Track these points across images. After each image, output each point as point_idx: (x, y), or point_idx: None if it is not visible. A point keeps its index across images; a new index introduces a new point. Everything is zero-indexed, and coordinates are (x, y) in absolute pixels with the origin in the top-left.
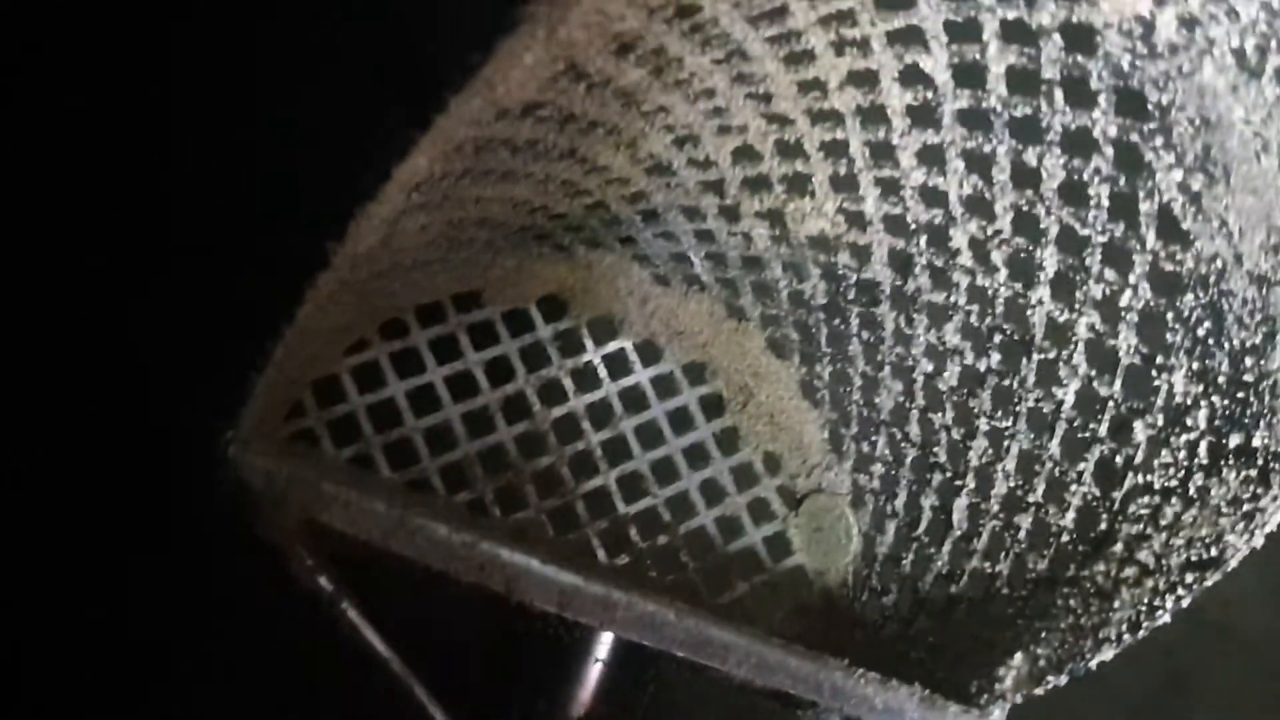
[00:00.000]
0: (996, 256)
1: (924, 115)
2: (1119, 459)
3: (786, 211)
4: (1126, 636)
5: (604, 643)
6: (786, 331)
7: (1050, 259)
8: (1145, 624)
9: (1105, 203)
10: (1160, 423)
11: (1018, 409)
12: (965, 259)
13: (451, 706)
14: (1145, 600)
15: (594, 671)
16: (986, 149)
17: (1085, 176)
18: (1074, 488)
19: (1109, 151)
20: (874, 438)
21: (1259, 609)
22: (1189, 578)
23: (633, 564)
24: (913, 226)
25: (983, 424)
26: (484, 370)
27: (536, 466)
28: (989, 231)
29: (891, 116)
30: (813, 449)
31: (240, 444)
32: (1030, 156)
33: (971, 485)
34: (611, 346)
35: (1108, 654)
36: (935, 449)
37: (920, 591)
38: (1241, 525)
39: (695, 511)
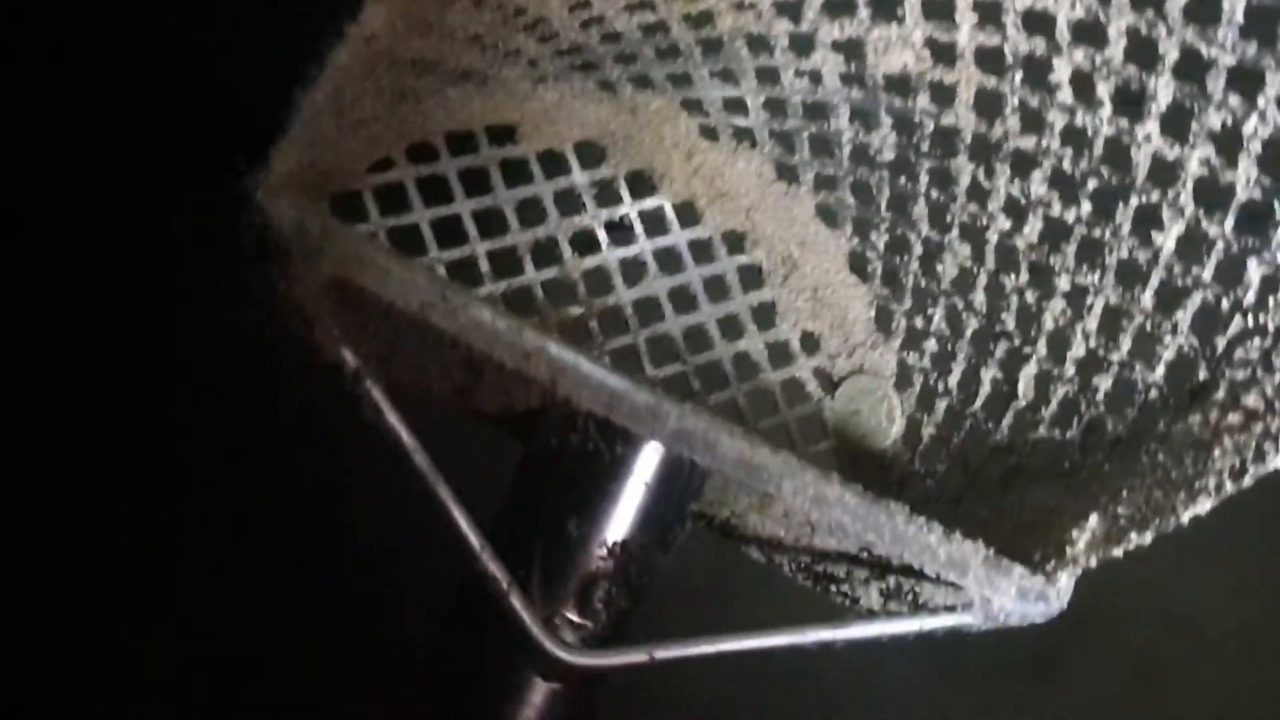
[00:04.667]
0: (1102, 90)
1: None
2: (1224, 303)
3: (868, 41)
4: (1229, 485)
5: (648, 465)
6: (842, 195)
7: (1165, 89)
8: (1252, 469)
9: (1238, 18)
10: (1277, 259)
11: (1107, 261)
12: (1065, 96)
13: (475, 515)
14: (1252, 445)
15: (634, 495)
16: None
17: None
18: (1168, 339)
19: None
20: (930, 310)
21: (1229, 605)
22: None
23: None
24: (1009, 60)
25: (1063, 282)
26: (514, 209)
27: (564, 316)
28: (1097, 61)
29: None
30: (857, 327)
31: (270, 189)
32: None
33: (1044, 351)
34: (649, 203)
35: (1204, 506)
36: (1003, 314)
37: (971, 468)
38: None
39: (726, 384)
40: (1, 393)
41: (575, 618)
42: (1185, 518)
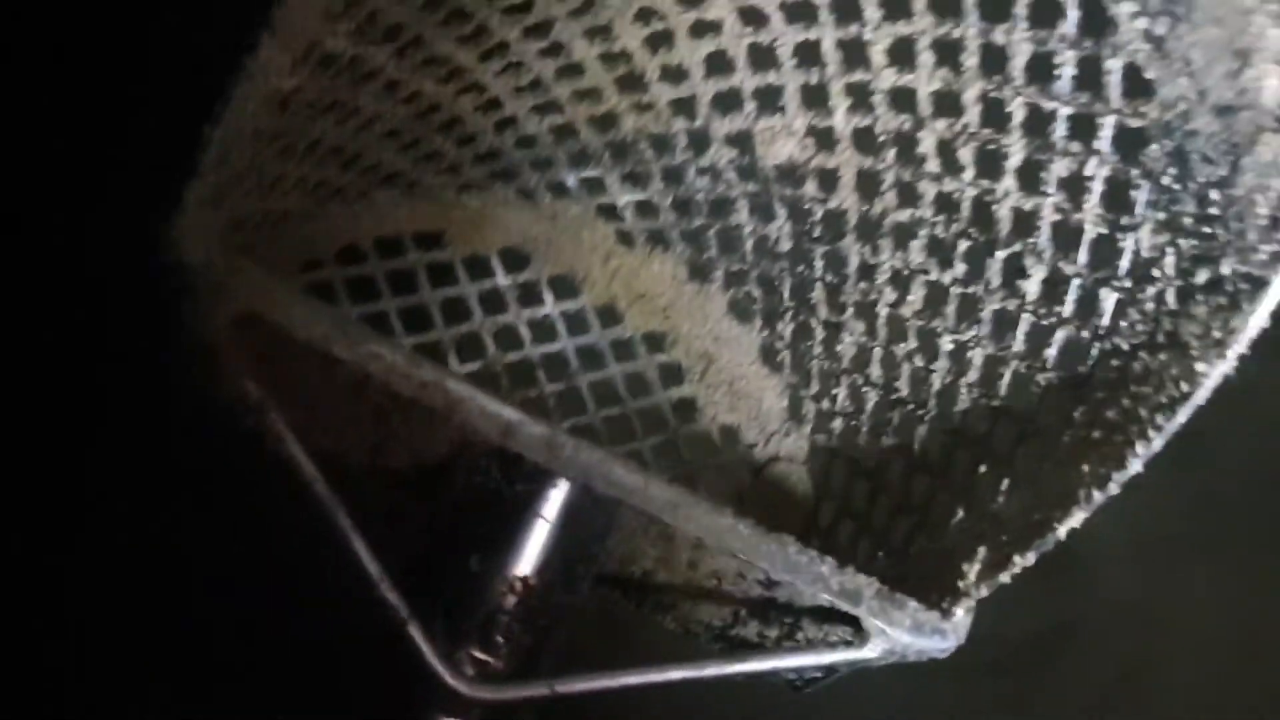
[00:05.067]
0: (964, 155)
1: (899, 4)
2: (1084, 334)
3: (755, 132)
4: (1096, 494)
5: (550, 503)
6: (750, 289)
7: (1017, 145)
8: (1115, 478)
9: (1072, 71)
10: (1129, 283)
11: (981, 314)
12: (932, 165)
13: (377, 548)
14: (1115, 456)
15: (536, 533)
16: (956, 33)
17: (1052, 45)
18: (1040, 378)
19: (1074, 15)
20: (834, 391)
21: (1216, 607)
22: (1159, 419)
23: None
24: (881, 139)
25: (946, 342)
26: (439, 308)
27: (500, 381)
28: (956, 128)
29: (864, 6)
30: (771, 416)
31: (184, 227)
32: (999, 35)
33: (934, 411)
34: (571, 305)
35: (1077, 518)
36: (897, 384)
37: (876, 530)
38: (1213, 353)
39: (648, 465)
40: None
41: (477, 653)
42: (1062, 532)
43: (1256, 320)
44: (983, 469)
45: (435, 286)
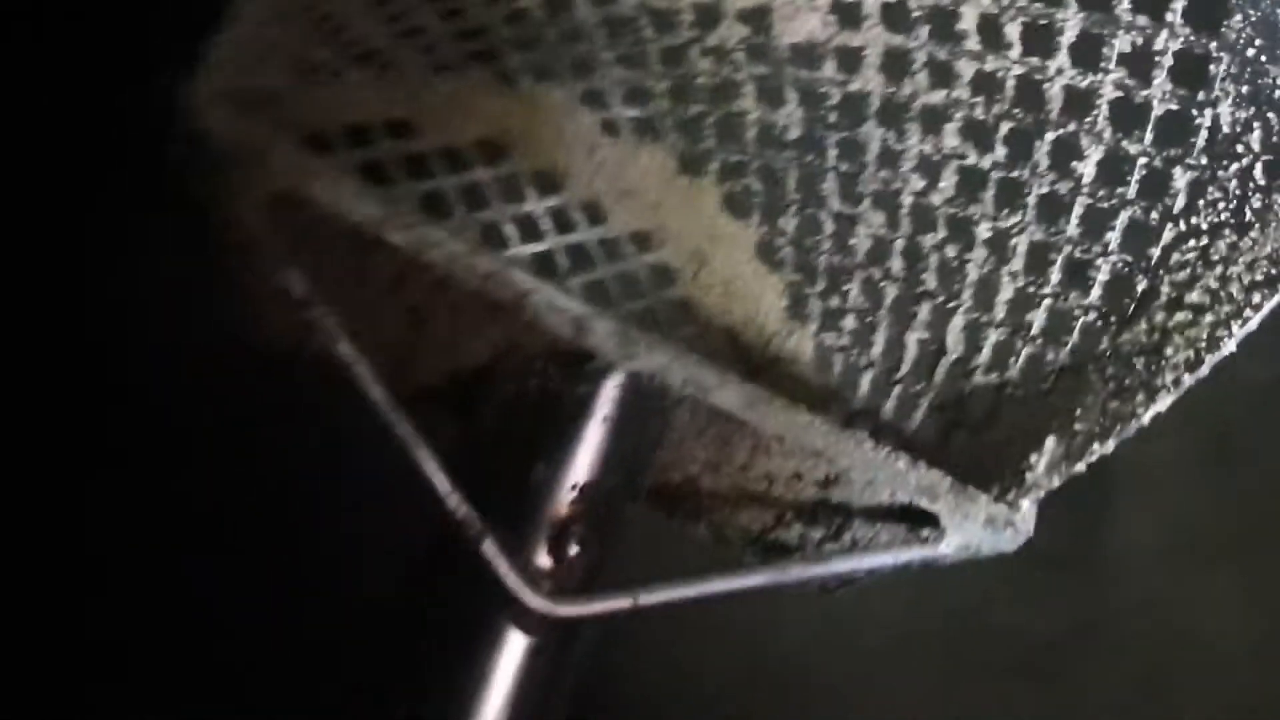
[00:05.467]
0: (1010, 30)
1: None
2: (1154, 215)
3: (775, 8)
4: (1185, 379)
5: (608, 402)
6: (749, 182)
7: (1072, 20)
8: (1207, 357)
9: None
10: (1205, 161)
11: (1028, 200)
12: (973, 42)
13: (436, 452)
14: (1205, 336)
15: (597, 434)
16: None
17: None
18: (1099, 262)
19: None
20: (846, 287)
21: (1236, 617)
22: (1255, 298)
23: None
24: (915, 14)
25: (983, 230)
26: (419, 202)
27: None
28: (1003, 2)
29: None
30: (771, 317)
31: (209, 96)
32: None
33: (969, 302)
34: (555, 201)
35: (1164, 403)
36: (924, 275)
37: (905, 433)
38: None
39: None
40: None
41: (549, 566)
42: (1146, 418)
43: None
44: (1034, 361)
45: (411, 178)
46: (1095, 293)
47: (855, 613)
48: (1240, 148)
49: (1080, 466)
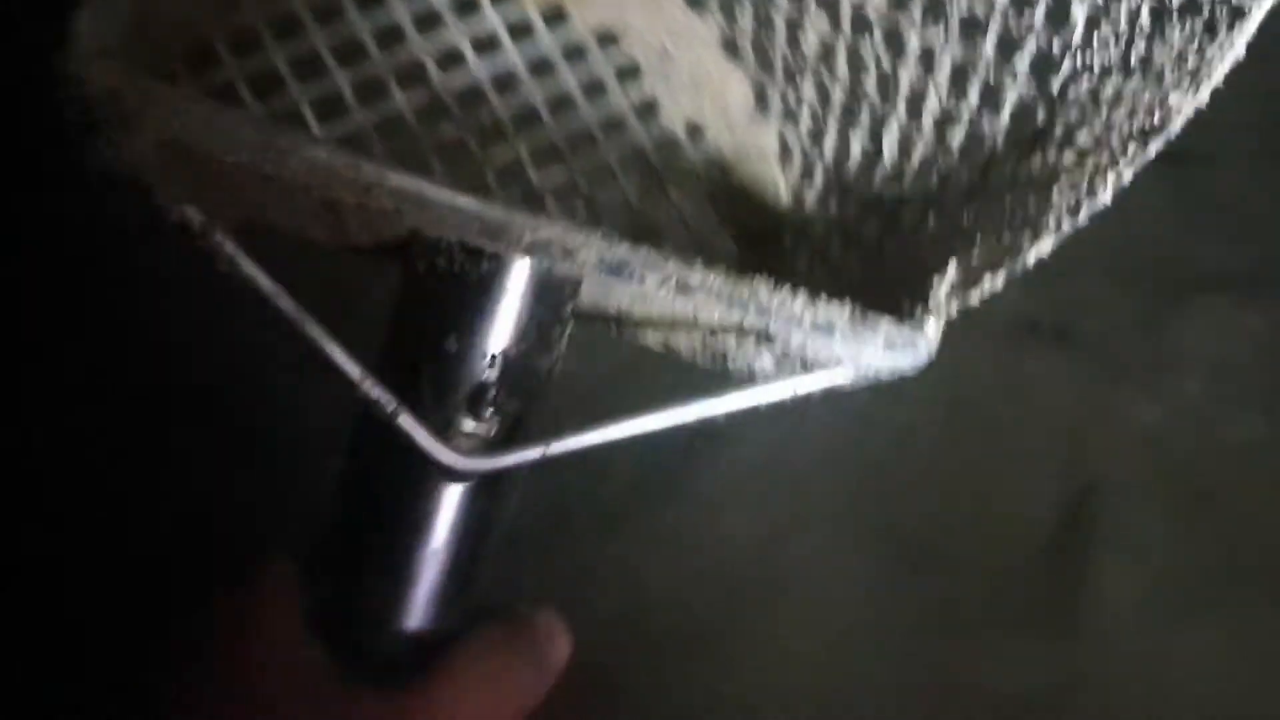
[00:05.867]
0: None
1: None
2: (1055, 46)
3: None
4: (1065, 223)
5: (518, 275)
6: None
7: None
8: (1085, 206)
9: None
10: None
11: (949, 15)
12: None
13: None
14: (1086, 181)
15: (508, 306)
16: None
17: None
18: (1009, 88)
19: None
20: (800, 85)
21: (1220, 671)
22: (1131, 149)
23: None
24: None
25: (913, 41)
26: (372, 37)
27: (440, 136)
28: None
29: None
30: (736, 108)
31: (83, 57)
32: None
33: (902, 114)
34: (512, 12)
35: (1046, 246)
36: (864, 82)
37: (849, 231)
38: (1186, 82)
39: (616, 182)
40: None
41: (467, 427)
42: (1031, 258)
43: (1232, 52)
44: (951, 178)
45: (364, 11)
46: (1004, 118)
47: (831, 663)
48: None
49: (974, 298)
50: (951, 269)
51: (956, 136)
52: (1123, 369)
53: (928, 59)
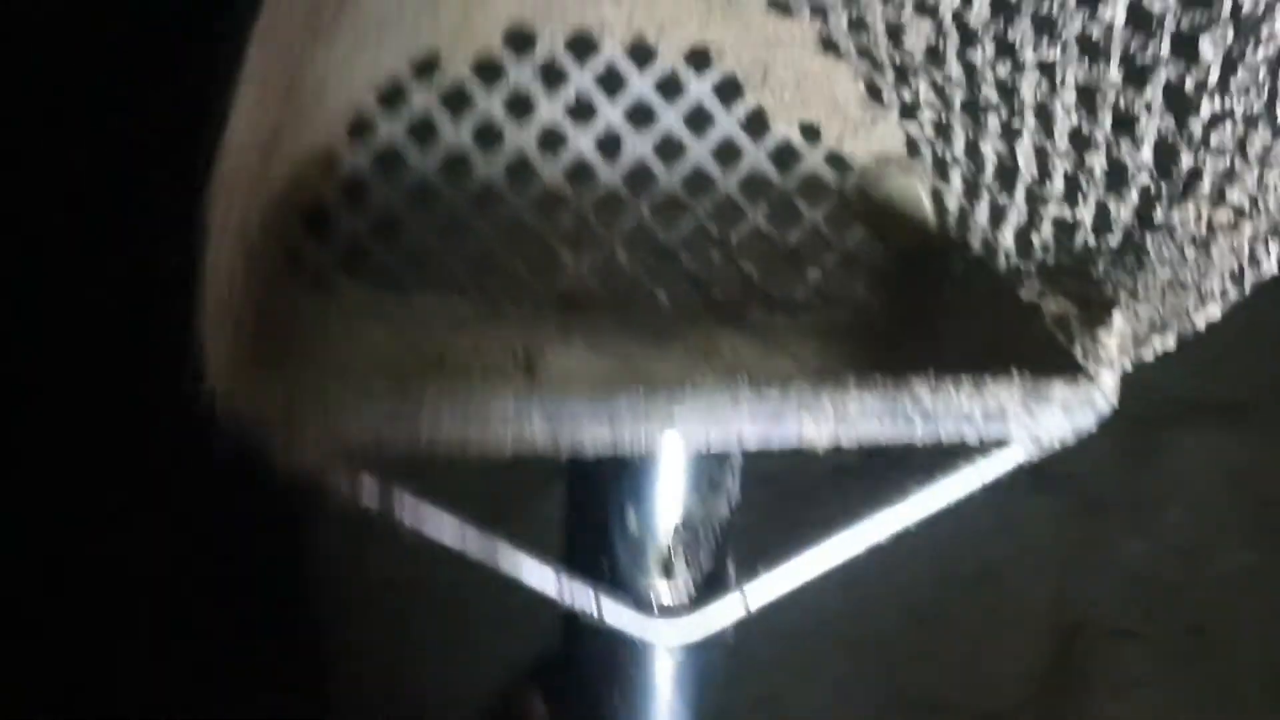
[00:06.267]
0: None
1: None
2: (1188, 83)
3: None
4: (1231, 291)
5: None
6: None
7: None
8: (1249, 276)
9: None
10: (1230, 36)
11: (1063, 35)
12: None
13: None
14: (1245, 248)
15: (676, 475)
16: None
17: None
18: (1144, 118)
19: None
20: (913, 82)
21: None
22: None
23: (691, 293)
24: None
25: (1028, 55)
26: (472, 136)
27: (560, 226)
28: None
29: None
30: (850, 104)
31: (222, 395)
32: None
33: (1032, 124)
34: (598, 63)
35: (1214, 311)
36: (983, 87)
37: (1000, 245)
38: None
39: (743, 213)
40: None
41: (665, 593)
42: (1200, 323)
43: None
44: (1105, 211)
45: (455, 118)
46: (1146, 151)
47: None
48: (1265, 31)
49: (1148, 354)
50: (1118, 321)
51: (1097, 162)
52: (1105, 505)
53: (1049, 74)
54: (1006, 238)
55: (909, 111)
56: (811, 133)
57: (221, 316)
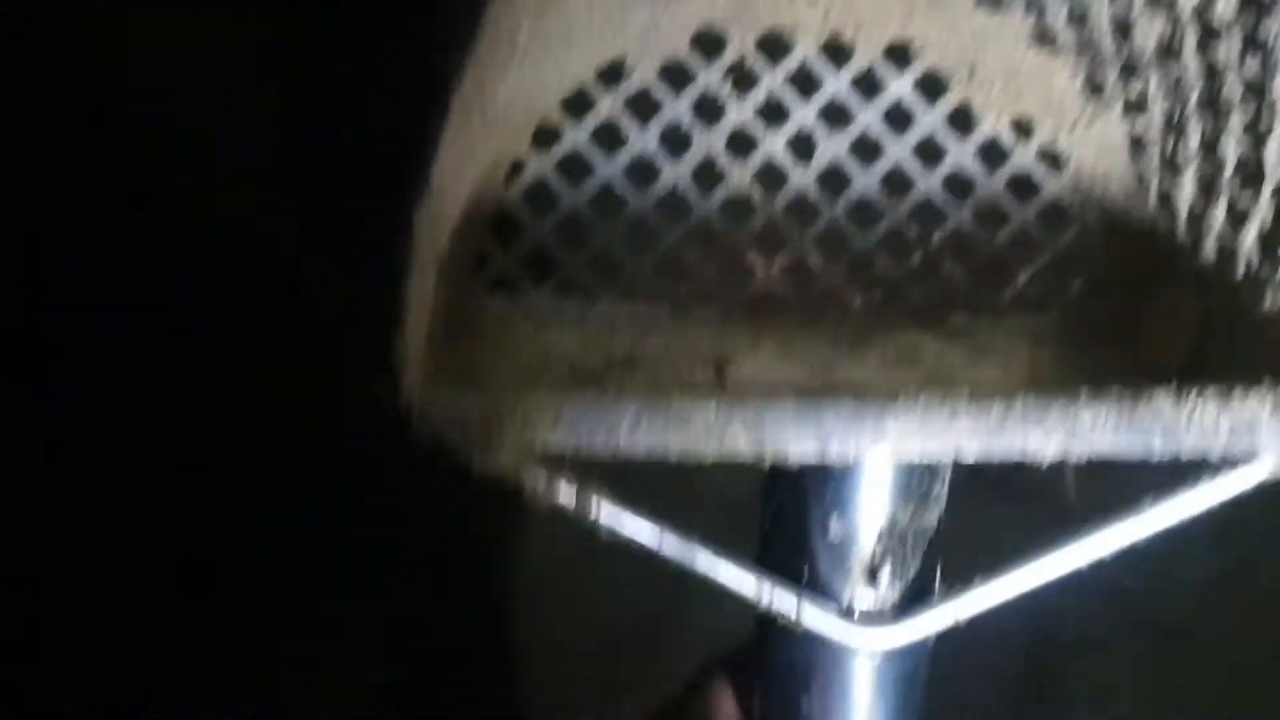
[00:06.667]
0: None
1: None
2: None
3: None
4: None
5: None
6: None
7: None
8: None
9: None
10: None
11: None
12: None
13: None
14: None
15: (881, 480)
16: None
17: None
18: None
19: None
20: (1143, 76)
21: None
22: None
23: (888, 297)
24: None
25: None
26: (659, 141)
27: (749, 230)
28: None
29: None
30: (1066, 99)
31: (420, 392)
32: None
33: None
34: (791, 63)
35: None
36: (1226, 83)
37: (1241, 249)
38: None
39: (944, 214)
40: None
41: (868, 601)
42: None
43: None
44: None
45: (641, 119)
46: None
47: None
48: None
49: None
50: None
51: None
52: (1070, 515)
53: None
54: (1248, 241)
55: (1135, 107)
56: (1023, 129)
57: (419, 326)
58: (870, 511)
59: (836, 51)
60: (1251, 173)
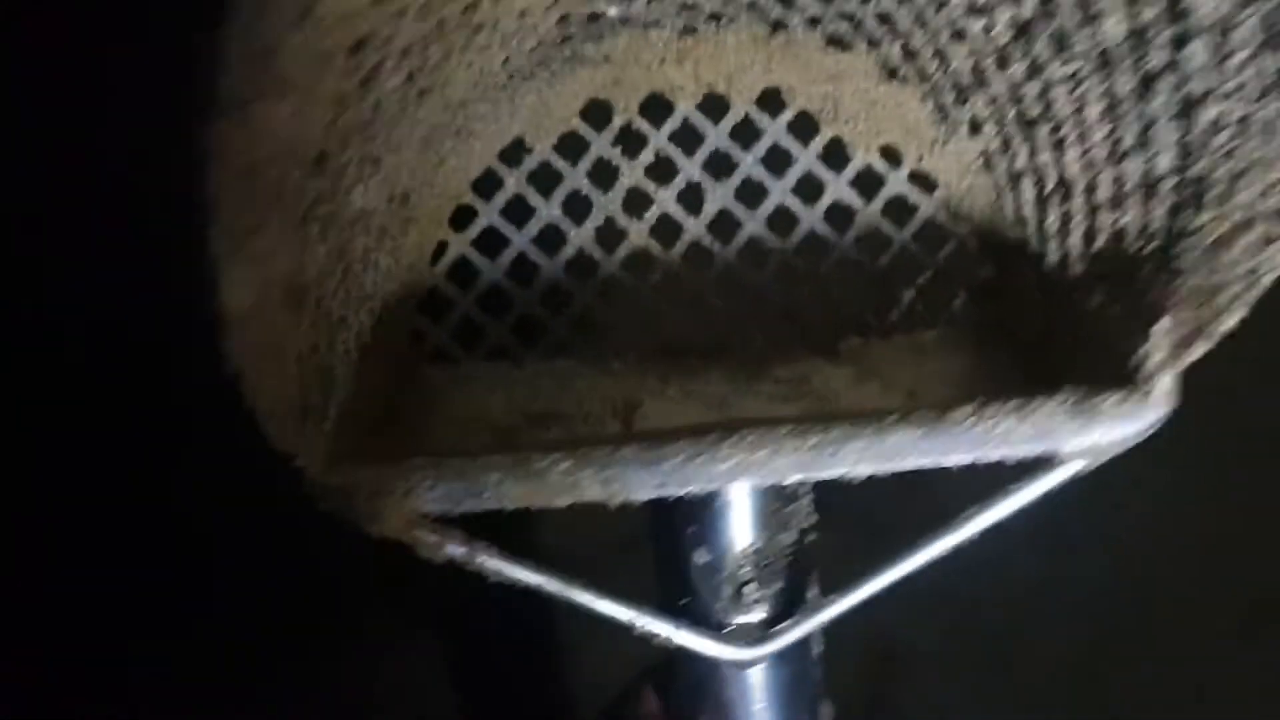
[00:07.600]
0: None
1: None
2: (1189, 90)
3: None
4: (1250, 294)
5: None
6: (836, 26)
7: None
8: (1264, 278)
9: None
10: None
11: (1075, 48)
12: None
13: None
14: (1257, 253)
15: (742, 509)
16: None
17: None
18: (1160, 123)
19: None
20: (972, 99)
21: None
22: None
23: (784, 329)
24: None
25: (1056, 70)
26: (562, 208)
27: (651, 281)
28: None
29: None
30: (923, 125)
31: (318, 474)
32: None
33: (1073, 134)
34: (674, 121)
35: (1236, 315)
36: (1024, 101)
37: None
38: None
39: (829, 244)
40: None
41: (741, 619)
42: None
43: None
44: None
45: (543, 192)
46: (1167, 158)
47: None
48: (1235, 36)
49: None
50: (1165, 325)
51: (1131, 171)
52: (887, 529)
53: (1076, 86)
54: (1075, 245)
55: (974, 128)
56: (892, 157)
57: (321, 415)
58: (732, 537)
59: (714, 105)
60: (1062, 181)
